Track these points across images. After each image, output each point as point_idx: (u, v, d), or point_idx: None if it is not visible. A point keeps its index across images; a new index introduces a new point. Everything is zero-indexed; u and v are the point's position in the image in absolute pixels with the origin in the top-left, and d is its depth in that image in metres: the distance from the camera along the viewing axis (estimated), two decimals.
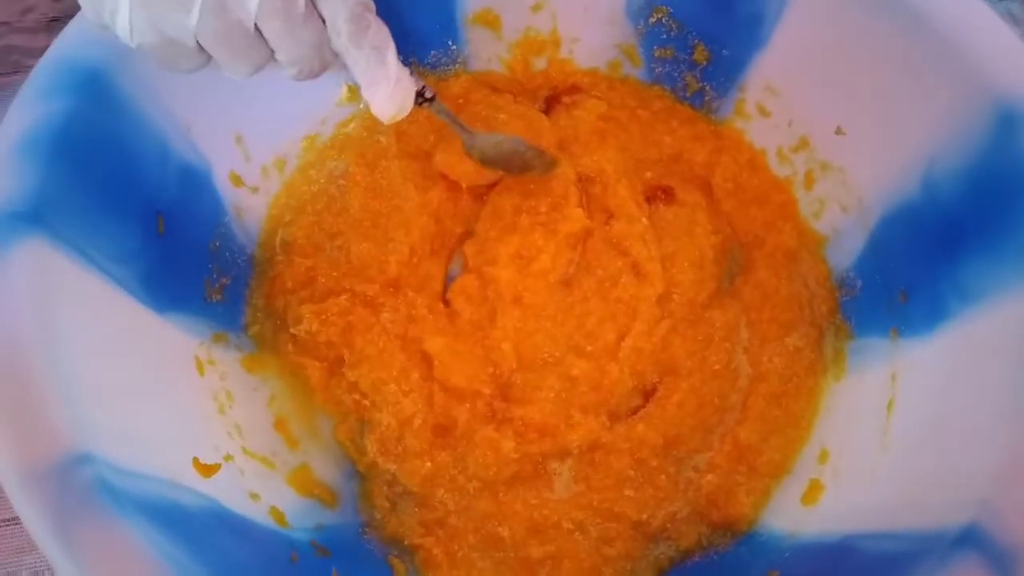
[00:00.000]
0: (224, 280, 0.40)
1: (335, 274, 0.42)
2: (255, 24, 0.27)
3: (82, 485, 0.24)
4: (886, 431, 0.33)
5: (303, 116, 0.46)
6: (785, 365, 0.39)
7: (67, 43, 0.34)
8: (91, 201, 0.33)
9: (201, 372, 0.36)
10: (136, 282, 0.34)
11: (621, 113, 0.46)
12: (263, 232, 0.43)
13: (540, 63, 0.49)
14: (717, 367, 0.39)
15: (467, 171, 0.42)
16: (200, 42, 0.27)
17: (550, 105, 0.48)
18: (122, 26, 0.26)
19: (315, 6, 0.28)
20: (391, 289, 0.41)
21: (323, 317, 0.40)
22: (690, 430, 0.37)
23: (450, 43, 0.48)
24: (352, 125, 0.47)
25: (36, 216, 0.30)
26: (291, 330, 0.40)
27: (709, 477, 0.37)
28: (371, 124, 0.47)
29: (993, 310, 0.31)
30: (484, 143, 0.38)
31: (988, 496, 0.25)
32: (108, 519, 0.24)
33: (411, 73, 0.32)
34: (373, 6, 0.30)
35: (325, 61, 0.30)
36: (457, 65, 0.49)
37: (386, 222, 0.43)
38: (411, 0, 0.45)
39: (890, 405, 0.34)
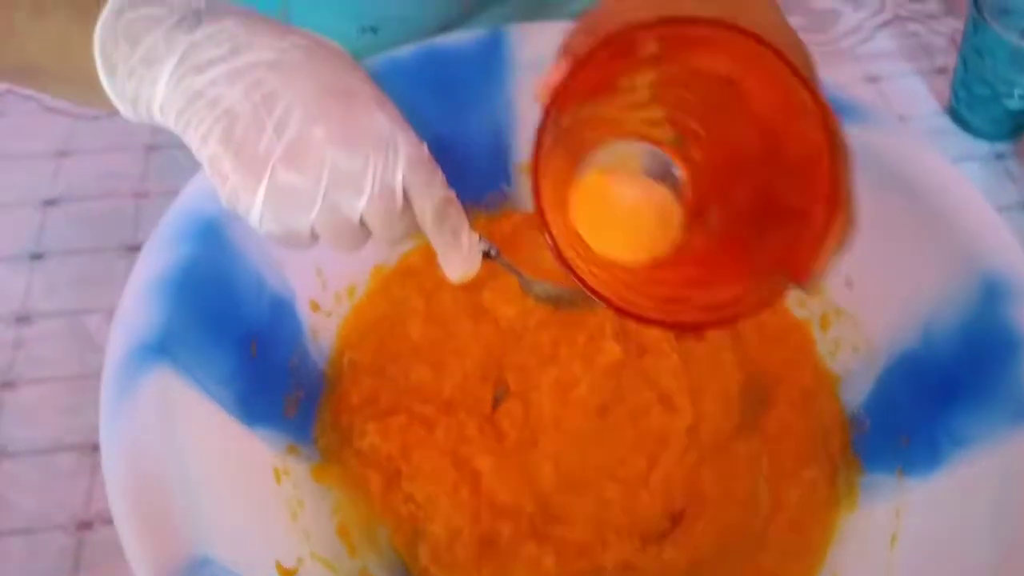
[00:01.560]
0: (299, 394, 0.46)
1: (396, 393, 0.47)
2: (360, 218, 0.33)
3: None
4: (890, 563, 0.37)
5: (373, 248, 0.52)
6: (802, 495, 0.43)
7: (189, 198, 0.41)
8: (203, 334, 0.38)
9: (278, 481, 0.41)
10: (232, 400, 0.39)
11: None
12: (333, 352, 0.49)
13: None
14: (740, 496, 0.43)
15: (510, 312, 0.48)
16: (315, 232, 0.33)
17: None
18: (253, 219, 0.32)
19: (408, 200, 0.33)
20: (445, 409, 0.46)
21: (384, 433, 0.45)
22: (714, 555, 0.41)
23: (504, 186, 0.54)
24: (414, 256, 0.53)
25: (163, 348, 0.36)
26: (355, 444, 0.45)
27: None
28: (430, 255, 0.53)
29: (981, 456, 0.35)
30: (539, 289, 0.44)
31: None
32: None
33: (479, 239, 0.38)
34: (455, 197, 0.35)
35: (411, 236, 0.36)
36: (507, 204, 0.55)
37: (442, 348, 0.48)
38: (471, 151, 0.52)
39: (893, 539, 0.38)
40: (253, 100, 0.30)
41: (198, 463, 0.34)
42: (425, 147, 0.34)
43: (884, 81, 0.69)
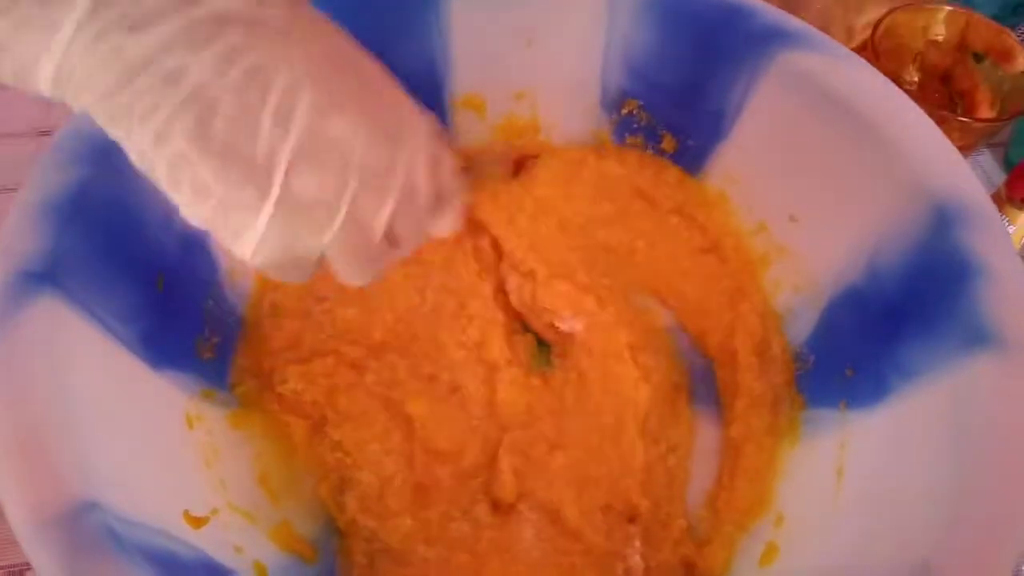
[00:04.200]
0: (215, 338, 0.42)
1: (322, 336, 0.44)
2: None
3: (91, 532, 0.26)
4: (836, 497, 0.36)
5: None
6: (744, 433, 0.42)
7: (87, 117, 0.36)
8: (100, 263, 0.34)
9: (190, 426, 0.38)
10: (135, 339, 0.36)
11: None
12: (253, 294, 0.45)
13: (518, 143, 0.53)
14: None
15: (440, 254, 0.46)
16: (327, 256, 0.26)
17: (517, 167, 0.51)
18: (246, 246, 0.24)
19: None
20: (375, 353, 0.43)
21: (309, 377, 0.42)
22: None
23: (439, 123, 0.51)
24: None
25: (51, 276, 0.32)
26: (277, 389, 0.42)
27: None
28: None
29: (928, 387, 0.34)
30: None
31: (929, 558, 0.28)
32: (116, 565, 0.25)
33: None
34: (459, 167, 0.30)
35: None
36: None
37: (371, 289, 0.45)
38: (403, 83, 0.48)
39: (839, 472, 0.37)
40: (233, 76, 0.21)
41: (90, 403, 0.30)
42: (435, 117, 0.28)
43: None
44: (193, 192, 0.23)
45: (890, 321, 0.38)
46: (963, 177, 0.36)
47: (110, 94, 0.21)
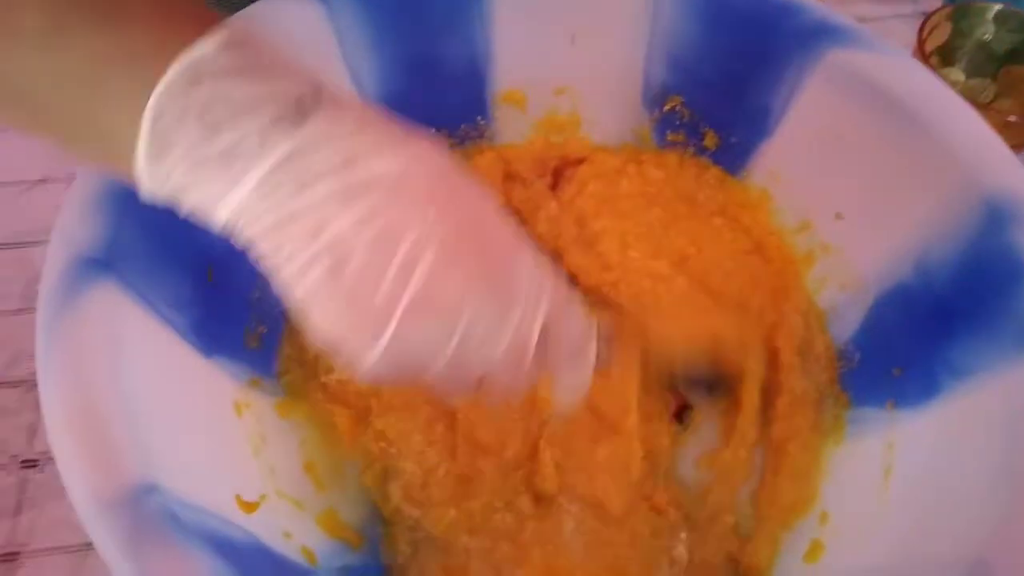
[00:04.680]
0: (262, 329, 0.43)
1: None
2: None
3: (151, 513, 0.26)
4: (883, 496, 0.36)
5: None
6: (788, 431, 0.41)
7: None
8: (154, 252, 0.35)
9: (239, 414, 0.38)
10: (188, 326, 0.36)
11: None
12: None
13: (558, 139, 0.53)
14: None
15: None
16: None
17: (556, 177, 0.52)
18: (357, 370, 0.26)
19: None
20: None
21: None
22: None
23: (479, 119, 0.51)
24: None
25: (108, 263, 0.32)
26: (322, 379, 0.42)
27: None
28: None
29: (981, 386, 0.34)
30: None
31: (983, 557, 0.28)
32: (177, 547, 0.26)
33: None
34: (593, 330, 0.31)
35: None
36: (483, 139, 0.52)
37: None
38: (446, 78, 0.49)
39: (887, 471, 0.36)
40: (370, 233, 0.24)
41: (147, 388, 0.31)
42: (565, 281, 0.30)
43: (871, 23, 0.67)
44: (319, 320, 0.26)
45: (941, 320, 0.37)
46: (1015, 174, 0.36)
47: (265, 235, 0.24)
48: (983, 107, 0.48)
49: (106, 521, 0.26)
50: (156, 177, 0.24)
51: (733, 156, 0.48)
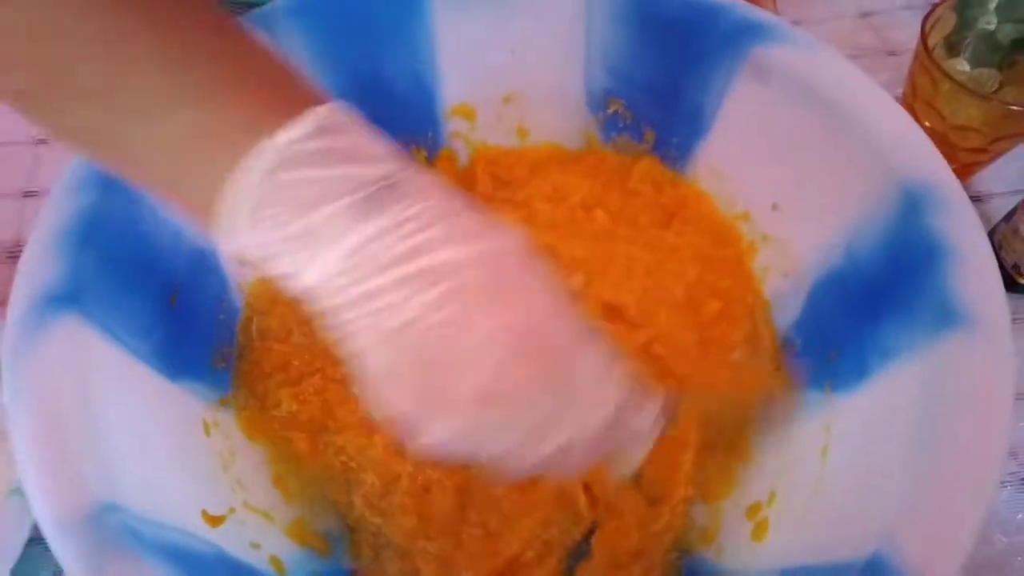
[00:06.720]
0: (228, 349, 0.45)
1: (307, 357, 0.45)
2: None
3: (111, 531, 0.28)
4: (820, 476, 0.37)
5: None
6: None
7: None
8: (114, 284, 0.37)
9: (207, 433, 0.40)
10: (151, 353, 0.38)
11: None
12: (241, 320, 0.47)
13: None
14: None
15: None
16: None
17: None
18: (426, 442, 0.27)
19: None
20: None
21: (301, 398, 0.44)
22: None
23: (430, 133, 0.53)
24: None
25: (70, 297, 0.34)
26: (272, 413, 0.44)
27: None
28: None
29: (904, 366, 0.35)
30: None
31: (891, 530, 0.29)
32: (136, 561, 0.28)
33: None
34: (660, 409, 0.32)
35: None
36: (434, 158, 0.54)
37: None
38: (394, 94, 0.50)
39: (824, 453, 0.38)
40: (440, 322, 0.25)
41: (112, 413, 0.32)
42: (631, 371, 0.30)
43: (880, 15, 0.68)
44: (389, 395, 0.27)
45: (869, 303, 0.39)
46: (931, 160, 0.37)
47: (338, 311, 0.26)
48: (988, 97, 0.49)
49: (68, 540, 0.28)
50: (241, 244, 0.26)
51: (675, 155, 0.50)
